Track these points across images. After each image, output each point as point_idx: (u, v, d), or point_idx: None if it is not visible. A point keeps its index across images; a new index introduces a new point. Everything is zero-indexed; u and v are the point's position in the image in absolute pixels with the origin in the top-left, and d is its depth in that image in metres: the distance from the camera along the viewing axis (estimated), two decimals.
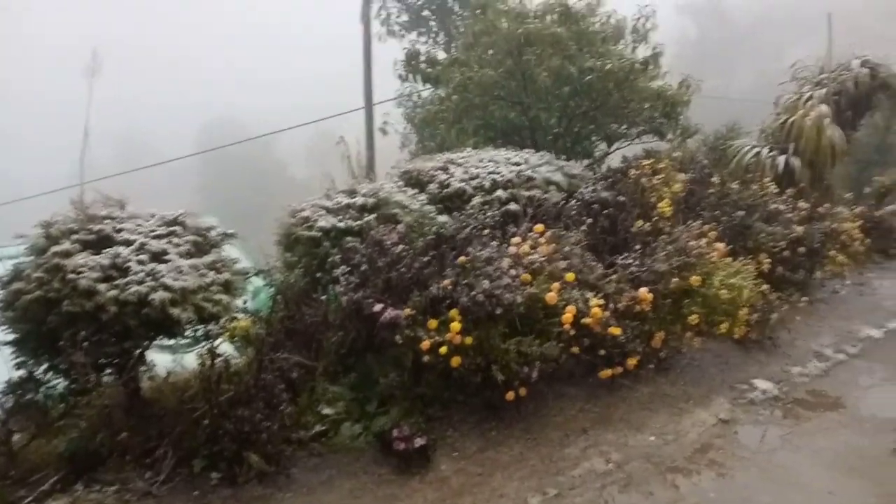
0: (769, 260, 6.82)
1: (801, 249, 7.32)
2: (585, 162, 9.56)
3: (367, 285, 4.83)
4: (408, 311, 4.57)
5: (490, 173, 6.68)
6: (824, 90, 9.81)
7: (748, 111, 13.40)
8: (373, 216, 5.59)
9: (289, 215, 5.66)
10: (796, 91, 10.25)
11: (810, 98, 9.70)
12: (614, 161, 9.79)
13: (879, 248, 10.04)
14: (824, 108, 9.43)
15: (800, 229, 7.34)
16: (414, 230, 5.47)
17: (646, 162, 7.20)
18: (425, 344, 4.39)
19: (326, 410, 4.54)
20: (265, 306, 5.41)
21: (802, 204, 7.99)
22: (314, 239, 5.35)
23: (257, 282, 5.65)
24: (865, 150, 16.31)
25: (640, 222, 6.49)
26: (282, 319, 5.08)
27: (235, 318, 4.71)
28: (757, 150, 9.46)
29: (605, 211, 6.52)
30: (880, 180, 12.96)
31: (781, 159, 9.13)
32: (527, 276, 4.89)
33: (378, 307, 4.60)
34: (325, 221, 5.43)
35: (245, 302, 4.95)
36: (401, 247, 5.02)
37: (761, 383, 5.42)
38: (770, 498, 3.97)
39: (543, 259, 5.08)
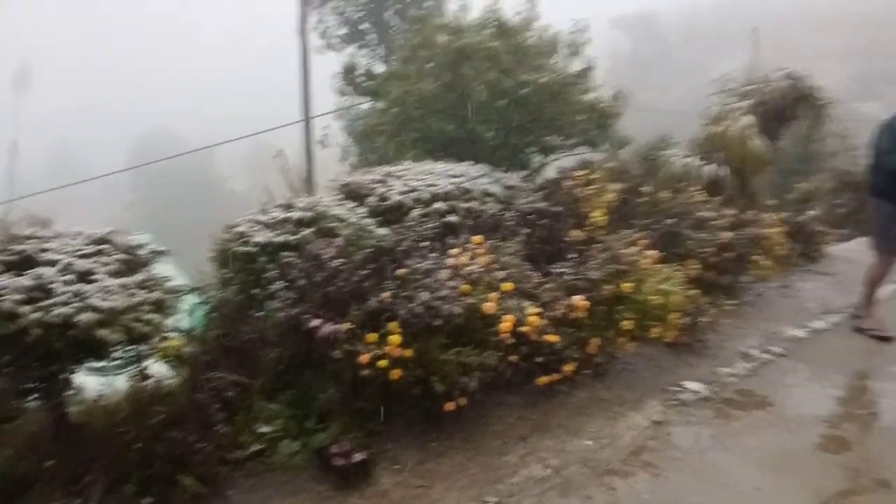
0: (698, 265, 7.04)
1: (729, 255, 7.59)
2: (523, 173, 9.73)
3: (304, 300, 4.80)
4: (346, 325, 4.56)
5: (429, 186, 6.74)
6: (749, 101, 10.21)
7: (679, 122, 13.81)
8: (310, 230, 5.56)
9: (223, 231, 5.59)
10: (723, 103, 10.63)
11: (736, 109, 10.07)
12: (551, 172, 9.99)
13: (802, 251, 10.47)
14: (749, 118, 9.81)
15: (727, 235, 7.61)
16: (352, 244, 5.46)
17: (580, 173, 7.38)
18: (364, 358, 4.39)
19: (264, 429, 4.47)
20: (201, 324, 5.31)
21: (729, 211, 8.29)
22: (250, 254, 5.29)
23: (193, 299, 5.54)
24: (789, 158, 17.11)
25: (575, 231, 6.65)
26: (217, 337, 4.99)
27: (167, 337, 4.61)
28: (686, 159, 9.78)
29: (542, 221, 6.67)
30: (802, 187, 13.66)
31: (709, 168, 9.47)
32: (465, 287, 4.95)
33: (316, 322, 4.58)
34: (262, 236, 5.37)
35: (179, 320, 4.85)
36: (339, 260, 5.01)
37: (692, 385, 5.59)
38: (701, 497, 4.12)
39: (482, 270, 5.16)
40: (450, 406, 4.59)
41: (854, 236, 12.74)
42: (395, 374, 4.45)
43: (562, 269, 5.63)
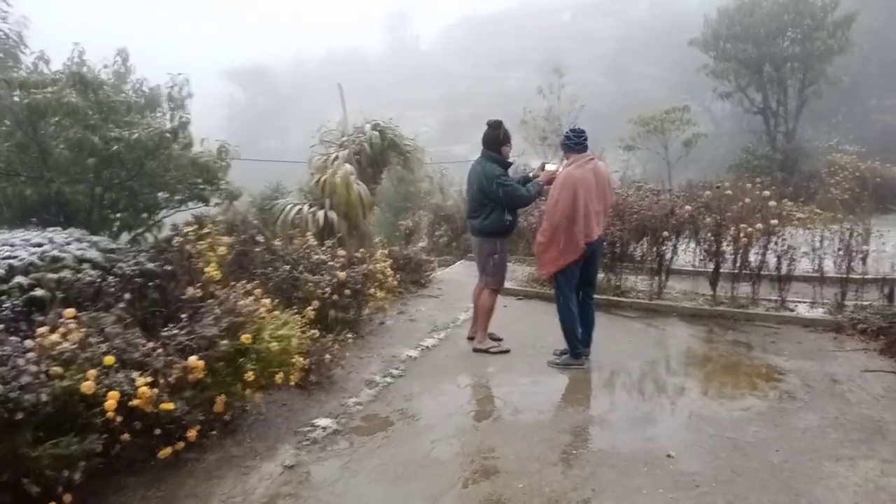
0: (319, 305, 7.35)
1: (347, 292, 8.12)
2: (130, 234, 9.06)
3: None
4: None
5: (4, 258, 5.81)
6: (347, 150, 11.13)
7: (297, 171, 14.43)
8: None
9: None
10: (324, 152, 11.39)
11: (336, 158, 10.89)
12: (166, 230, 9.48)
13: (413, 280, 11.81)
14: (349, 166, 10.69)
15: (342, 274, 8.13)
16: None
17: (188, 228, 7.15)
18: None
19: None
20: None
21: (342, 252, 8.88)
22: None
23: None
24: (396, 198, 19.14)
25: (190, 289, 6.38)
26: None
27: None
28: (299, 206, 10.22)
29: (153, 283, 6.25)
30: (405, 223, 15.45)
31: (321, 214, 10.03)
32: (58, 369, 4.38)
33: None
34: None
35: None
36: None
37: (322, 421, 5.80)
38: None
39: (76, 346, 4.62)
40: None
41: (453, 262, 14.80)
42: None
43: (173, 331, 5.34)
